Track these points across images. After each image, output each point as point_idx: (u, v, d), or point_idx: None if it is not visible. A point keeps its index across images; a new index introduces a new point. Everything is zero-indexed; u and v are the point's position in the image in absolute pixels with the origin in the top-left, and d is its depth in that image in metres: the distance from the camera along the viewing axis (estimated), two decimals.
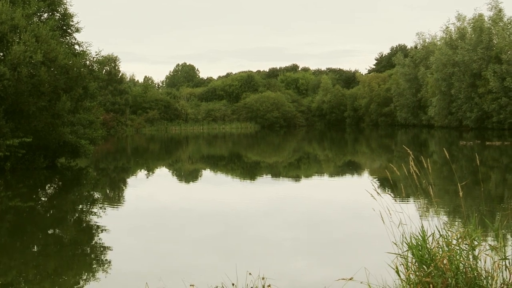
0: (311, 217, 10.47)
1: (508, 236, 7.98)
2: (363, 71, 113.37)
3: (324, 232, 9.09)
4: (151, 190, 15.58)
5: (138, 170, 22.81)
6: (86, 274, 7.07)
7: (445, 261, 4.21)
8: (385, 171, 5.70)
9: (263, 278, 5.01)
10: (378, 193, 5.17)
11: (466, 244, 4.39)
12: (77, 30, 23.26)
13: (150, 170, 22.74)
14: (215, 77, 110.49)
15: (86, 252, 8.32)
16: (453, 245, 4.36)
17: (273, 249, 7.87)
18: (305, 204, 12.23)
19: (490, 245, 4.48)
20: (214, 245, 8.25)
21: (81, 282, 6.71)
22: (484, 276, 4.23)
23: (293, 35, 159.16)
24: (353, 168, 21.60)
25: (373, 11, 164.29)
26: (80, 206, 12.98)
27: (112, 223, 10.30)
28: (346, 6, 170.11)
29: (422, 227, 4.65)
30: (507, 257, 4.30)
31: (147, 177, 19.56)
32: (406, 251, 4.54)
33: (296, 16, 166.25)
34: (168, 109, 76.34)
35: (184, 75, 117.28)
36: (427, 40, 66.05)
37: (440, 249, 4.41)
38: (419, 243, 4.46)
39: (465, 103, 52.64)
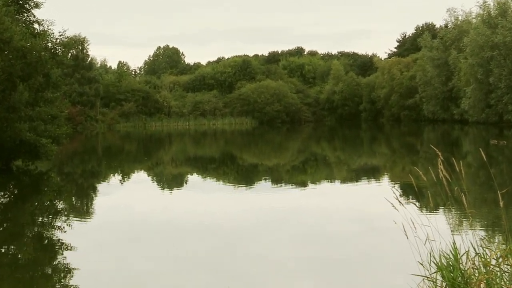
0: (320, 231, 10.48)
1: None
2: (382, 55, 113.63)
3: (335, 250, 9.09)
4: (126, 199, 15.55)
5: (111, 175, 22.76)
6: None
7: (482, 285, 4.19)
8: (409, 176, 5.73)
9: None
10: (400, 202, 5.16)
11: (507, 265, 4.37)
12: (37, 6, 23.21)
13: (126, 174, 22.70)
14: (203, 62, 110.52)
15: (47, 274, 8.28)
16: (492, 266, 4.34)
17: (274, 270, 7.86)
18: (312, 215, 12.23)
19: None
20: (202, 265, 8.23)
21: None
22: None
23: (298, 13, 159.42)
24: (370, 172, 21.61)
25: None
26: (40, 219, 12.95)
27: (79, 239, 10.26)
28: None
29: (454, 243, 4.63)
30: None
31: (122, 184, 19.53)
32: (435, 272, 4.53)
33: None
34: (147, 101, 76.32)
35: (167, 61, 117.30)
36: (460, 18, 66.29)
37: (476, 271, 4.39)
38: (450, 263, 4.44)
39: (507, 93, 52.44)
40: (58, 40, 22.63)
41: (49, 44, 22.00)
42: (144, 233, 10.83)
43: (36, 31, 22.76)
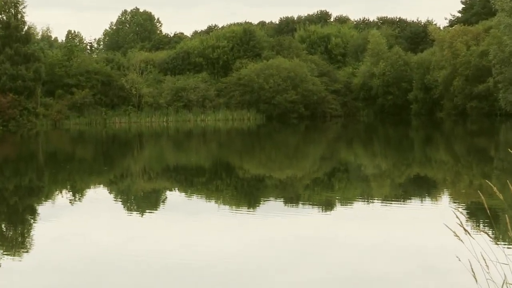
0: (356, 274, 10.45)
1: None
2: (441, 22, 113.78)
3: None
4: (78, 227, 15.55)
5: (57, 192, 22.76)
6: None
7: None
8: (479, 193, 5.71)
9: None
10: (466, 230, 5.15)
11: None
12: None
13: (77, 192, 22.71)
14: (188, 33, 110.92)
15: None
16: None
17: None
18: (344, 250, 12.22)
19: None
20: None
21: None
22: None
23: None
24: (423, 188, 21.57)
25: None
26: None
27: (10, 284, 10.27)
28: None
29: None
30: None
31: (72, 204, 19.54)
32: None
33: None
34: (109, 87, 76.44)
35: (136, 31, 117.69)
36: None
37: None
38: None
39: None
40: None
41: None
42: (102, 275, 10.82)
43: None
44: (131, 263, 11.48)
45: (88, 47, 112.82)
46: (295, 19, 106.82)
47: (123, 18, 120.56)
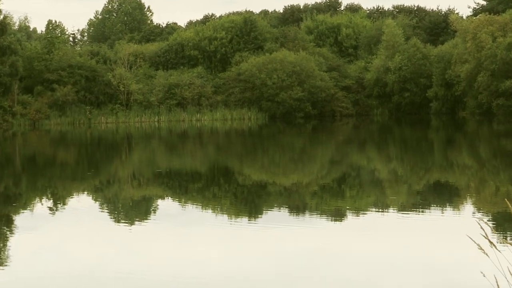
0: None
1: None
2: (463, 11, 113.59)
3: None
4: (60, 240, 15.54)
5: (36, 201, 22.76)
6: None
7: None
8: (506, 201, 5.70)
9: None
10: (491, 243, 5.14)
11: None
12: None
13: (59, 200, 22.70)
14: (182, 23, 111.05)
15: None
16: None
17: None
18: (354, 265, 12.21)
19: None
20: None
21: None
22: None
23: None
24: (444, 195, 21.54)
25: None
26: None
27: None
28: None
29: None
30: None
31: (53, 214, 19.54)
32: None
33: None
34: (94, 83, 76.31)
35: (124, 20, 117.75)
36: None
37: None
38: None
39: None
40: None
41: None
42: None
43: None
44: (117, 281, 11.46)
45: (71, 38, 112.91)
46: (301, 7, 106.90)
47: (109, 7, 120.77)
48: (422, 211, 18.37)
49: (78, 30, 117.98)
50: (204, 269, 11.95)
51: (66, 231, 16.63)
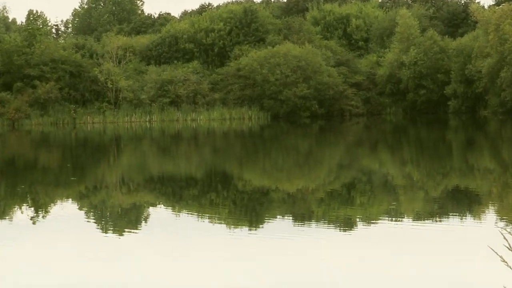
0: None
1: None
2: (485, 0, 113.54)
3: None
4: (40, 251, 15.50)
5: (15, 208, 22.73)
6: None
7: None
8: None
9: None
10: None
11: None
12: None
13: (40, 208, 22.66)
14: (175, 14, 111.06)
15: None
16: None
17: None
18: (366, 280, 12.19)
19: None
20: None
21: None
22: None
23: None
24: (463, 203, 21.54)
25: None
26: None
27: None
28: None
29: None
30: None
31: (33, 223, 19.51)
32: None
33: None
34: (79, 79, 76.37)
35: (112, 10, 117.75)
36: None
37: None
38: None
39: None
40: None
41: None
42: None
43: None
44: None
45: (54, 30, 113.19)
46: None
47: None
48: (440, 220, 18.33)
49: (61, 21, 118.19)
50: (200, 284, 11.92)
51: (48, 242, 16.61)
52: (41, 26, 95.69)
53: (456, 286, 11.53)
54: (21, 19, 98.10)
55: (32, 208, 22.63)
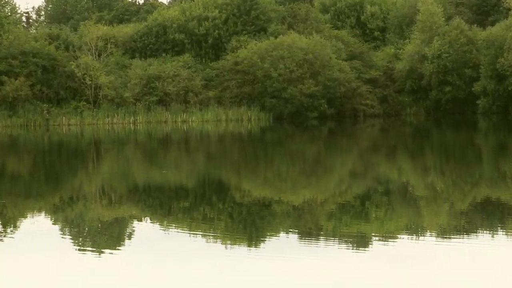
0: None
1: None
2: None
3: None
4: (8, 272, 15.44)
5: None
6: None
7: None
8: None
9: None
10: None
11: None
12: None
13: (8, 222, 22.71)
14: (163, 0, 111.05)
15: None
16: None
17: None
18: None
19: None
20: None
21: None
22: None
23: None
24: (494, 216, 21.54)
25: None
26: None
27: None
28: None
29: None
30: None
31: (1, 240, 19.46)
32: None
33: None
34: (53, 75, 76.54)
35: None
36: None
37: None
38: None
39: None
40: None
41: None
42: None
43: None
44: None
45: (24, 19, 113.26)
46: None
47: None
48: (468, 236, 18.35)
49: (33, 8, 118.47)
50: None
51: (18, 261, 16.55)
52: (9, 13, 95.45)
53: None
54: None
55: None
